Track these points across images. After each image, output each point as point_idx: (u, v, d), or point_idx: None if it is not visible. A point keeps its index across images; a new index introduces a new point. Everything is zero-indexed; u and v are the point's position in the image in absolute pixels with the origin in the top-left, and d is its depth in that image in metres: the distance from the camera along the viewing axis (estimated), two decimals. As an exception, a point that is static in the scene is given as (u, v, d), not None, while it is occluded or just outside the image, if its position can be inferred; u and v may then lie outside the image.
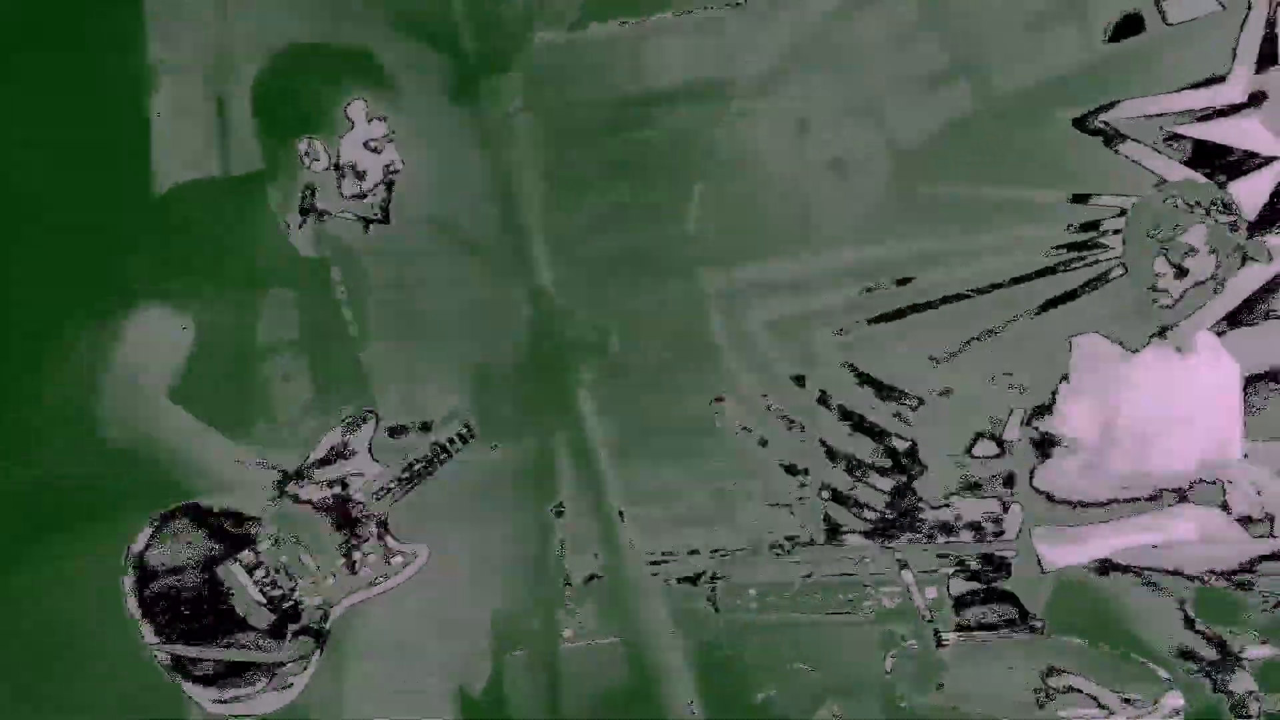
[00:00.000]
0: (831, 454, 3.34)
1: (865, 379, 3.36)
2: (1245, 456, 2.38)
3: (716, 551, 3.24)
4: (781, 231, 3.43)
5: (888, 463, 3.29)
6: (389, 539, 1.94)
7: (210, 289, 1.82)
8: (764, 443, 3.42)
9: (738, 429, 3.44)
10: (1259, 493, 2.15)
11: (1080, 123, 3.13)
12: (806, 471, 3.34)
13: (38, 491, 1.86)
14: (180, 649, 1.72)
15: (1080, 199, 3.17)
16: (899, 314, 3.33)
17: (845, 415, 3.36)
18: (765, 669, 2.60)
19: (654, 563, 3.25)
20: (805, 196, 3.44)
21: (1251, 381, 2.91)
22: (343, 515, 1.88)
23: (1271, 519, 2.21)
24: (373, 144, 1.90)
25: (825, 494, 3.31)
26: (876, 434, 3.33)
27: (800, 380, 3.38)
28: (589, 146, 3.57)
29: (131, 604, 1.73)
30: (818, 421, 3.37)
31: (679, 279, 3.49)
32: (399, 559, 1.94)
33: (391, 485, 1.95)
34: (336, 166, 1.89)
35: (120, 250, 2.01)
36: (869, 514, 3.29)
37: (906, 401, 3.32)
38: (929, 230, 3.28)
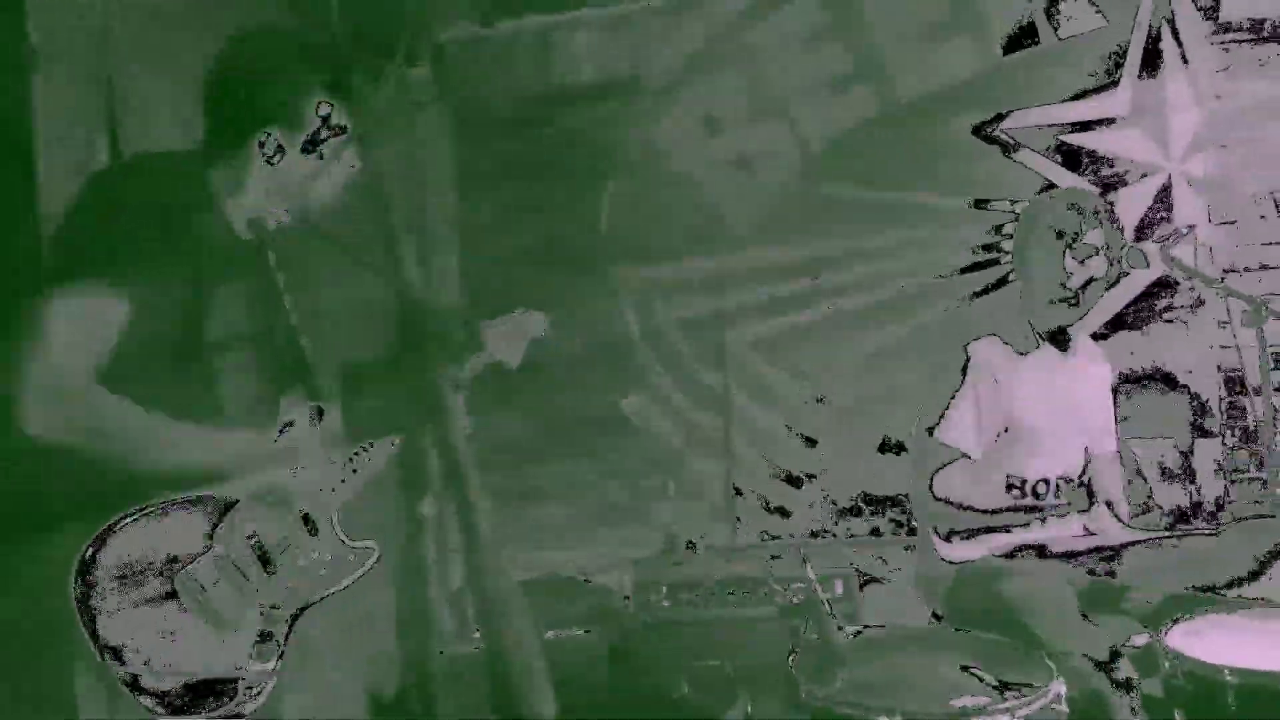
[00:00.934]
0: (741, 448, 3.38)
1: (773, 377, 3.41)
2: (1118, 452, 2.50)
3: (629, 548, 3.25)
4: (692, 230, 3.46)
5: (798, 462, 3.35)
6: (340, 537, 1.90)
7: (148, 271, 1.73)
8: (676, 441, 3.44)
9: (650, 426, 3.46)
10: (1129, 482, 2.27)
11: (978, 130, 3.24)
12: (721, 468, 3.38)
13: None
14: (149, 680, 1.64)
15: (980, 204, 3.28)
16: (808, 313, 3.39)
17: (756, 412, 3.41)
18: (678, 666, 2.62)
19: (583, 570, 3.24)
20: (714, 195, 3.47)
21: (1133, 381, 3.07)
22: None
23: (1153, 507, 2.32)
24: (328, 146, 1.84)
25: (738, 492, 3.35)
26: (787, 433, 3.39)
27: (713, 376, 3.41)
28: (498, 142, 3.53)
29: (85, 627, 1.63)
30: (731, 418, 3.41)
31: (591, 276, 3.49)
32: (352, 557, 1.89)
33: (340, 480, 1.90)
34: (279, 158, 1.83)
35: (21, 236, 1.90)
36: (779, 511, 3.34)
37: (812, 400, 3.38)
38: (835, 230, 3.35)
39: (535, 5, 3.51)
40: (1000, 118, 3.23)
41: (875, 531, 3.28)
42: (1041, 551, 2.19)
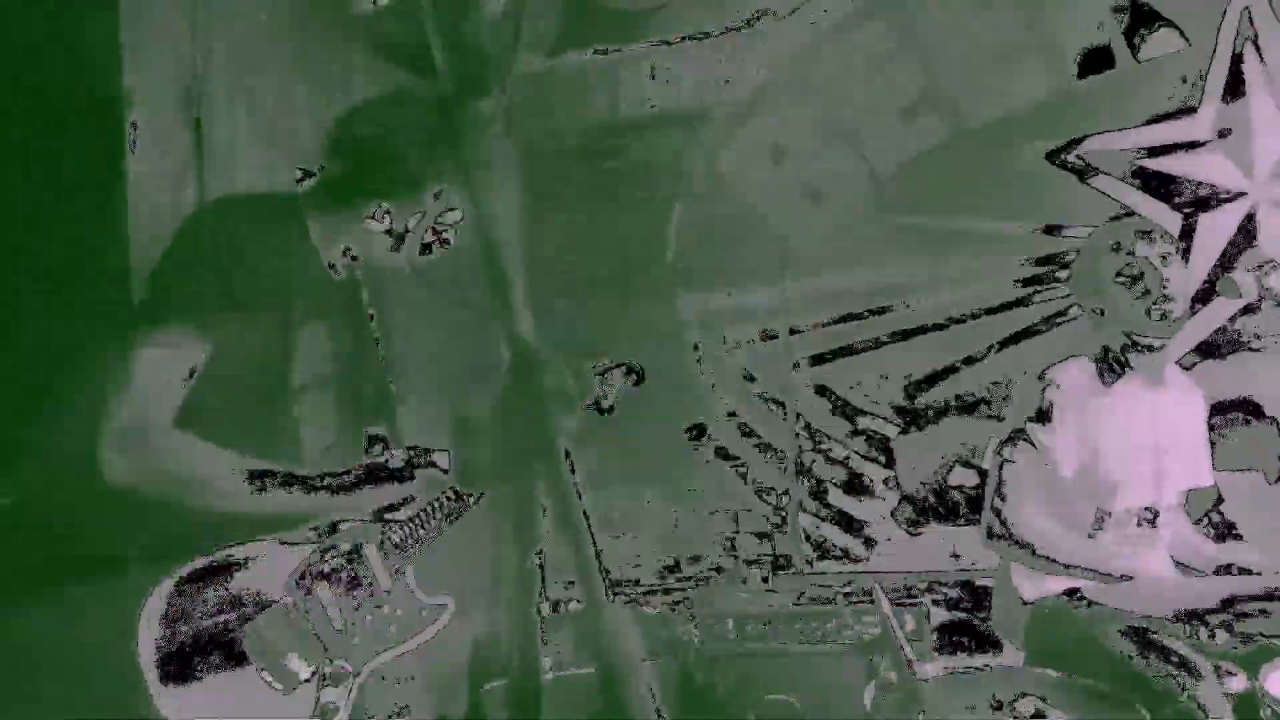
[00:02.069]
0: (808, 479, 3.35)
1: (841, 406, 3.38)
2: (1214, 485, 2.43)
3: (693, 580, 3.24)
4: (758, 258, 3.46)
5: (862, 487, 3.31)
6: (415, 592, 1.87)
7: (238, 311, 1.78)
8: (743, 470, 3.43)
9: (716, 455, 3.45)
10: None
11: (1051, 156, 3.18)
12: (786, 495, 3.35)
13: (41, 538, 1.80)
14: None
15: (1052, 230, 3.22)
16: (876, 343, 3.36)
17: (821, 441, 3.38)
18: (743, 699, 2.59)
19: (633, 594, 3.24)
20: (781, 224, 3.46)
21: (1219, 411, 2.97)
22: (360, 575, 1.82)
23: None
24: (440, 229, 1.88)
25: (805, 520, 3.32)
26: (851, 461, 3.35)
27: (779, 406, 3.39)
28: (567, 172, 3.58)
29: (151, 676, 1.67)
30: (795, 448, 3.38)
31: (657, 304, 3.51)
32: (426, 612, 1.87)
33: (416, 536, 1.89)
34: (390, 233, 1.87)
35: (112, 277, 1.97)
36: (851, 541, 3.30)
37: (881, 430, 3.34)
38: (903, 258, 3.31)
39: (601, 37, 3.56)
40: (1075, 143, 3.17)
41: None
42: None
